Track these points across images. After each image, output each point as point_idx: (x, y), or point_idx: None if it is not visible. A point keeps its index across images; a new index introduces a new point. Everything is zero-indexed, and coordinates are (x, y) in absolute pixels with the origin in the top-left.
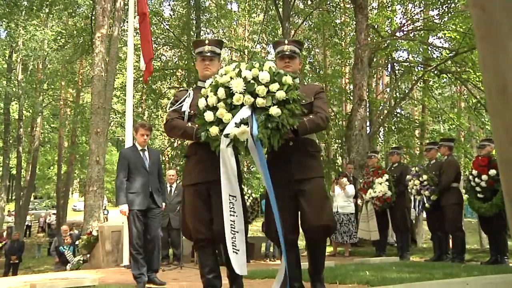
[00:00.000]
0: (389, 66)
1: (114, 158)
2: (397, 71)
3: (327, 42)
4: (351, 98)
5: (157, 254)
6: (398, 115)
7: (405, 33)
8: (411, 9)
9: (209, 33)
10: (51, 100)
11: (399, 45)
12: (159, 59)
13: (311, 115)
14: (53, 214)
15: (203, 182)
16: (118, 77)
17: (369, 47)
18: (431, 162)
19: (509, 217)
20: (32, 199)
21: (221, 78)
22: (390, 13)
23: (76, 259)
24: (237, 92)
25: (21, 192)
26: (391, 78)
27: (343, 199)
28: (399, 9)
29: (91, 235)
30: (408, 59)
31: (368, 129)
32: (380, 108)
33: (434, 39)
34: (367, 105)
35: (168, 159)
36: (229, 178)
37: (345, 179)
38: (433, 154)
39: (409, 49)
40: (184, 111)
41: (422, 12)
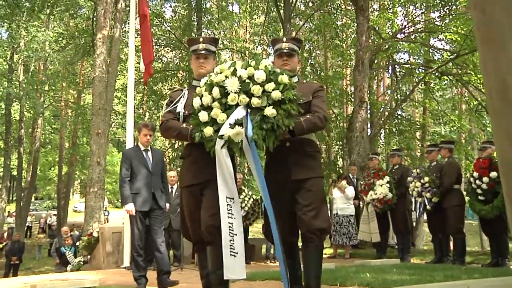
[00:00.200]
0: (390, 68)
1: (114, 159)
2: (398, 73)
3: (328, 43)
4: (352, 100)
5: (165, 255)
6: (399, 117)
7: (406, 35)
8: (412, 11)
9: (210, 35)
10: (52, 101)
11: (400, 47)
12: (160, 61)
13: (308, 115)
14: (54, 215)
15: (197, 183)
16: (119, 78)
17: (370, 49)
18: (432, 164)
19: (510, 219)
20: (32, 200)
21: (216, 77)
22: (391, 15)
23: (76, 260)
24: (232, 91)
25: (22, 193)
26: (392, 80)
27: (343, 201)
28: (400, 11)
29: (92, 236)
30: (409, 61)
31: (369, 131)
32: (381, 110)
33: (435, 41)
34: (368, 107)
35: (169, 160)
36: (225, 179)
37: (344, 182)
38: (434, 156)
39: (410, 51)
40: (178, 112)
41: (423, 14)
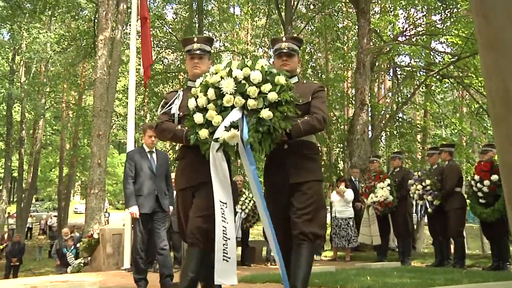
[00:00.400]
0: (391, 70)
1: (115, 161)
2: (399, 76)
3: (329, 46)
4: (353, 102)
5: (167, 258)
6: (400, 119)
7: (407, 37)
8: (414, 14)
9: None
10: (53, 102)
11: (401, 49)
12: (161, 62)
13: (306, 116)
14: (54, 216)
15: (190, 186)
16: (120, 80)
17: (371, 51)
18: (432, 167)
19: (511, 223)
20: (33, 201)
21: (211, 77)
22: (392, 18)
23: (77, 261)
24: (227, 93)
25: (23, 194)
26: (393, 82)
27: (341, 203)
28: (402, 13)
29: (92, 238)
30: (410, 64)
31: (370, 133)
32: (382, 112)
33: (436, 44)
34: (369, 109)
35: (170, 162)
36: (221, 183)
37: (342, 186)
38: (435, 159)
39: (411, 54)
40: (173, 114)
41: (424, 17)
